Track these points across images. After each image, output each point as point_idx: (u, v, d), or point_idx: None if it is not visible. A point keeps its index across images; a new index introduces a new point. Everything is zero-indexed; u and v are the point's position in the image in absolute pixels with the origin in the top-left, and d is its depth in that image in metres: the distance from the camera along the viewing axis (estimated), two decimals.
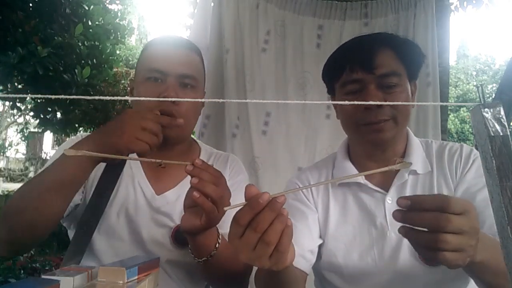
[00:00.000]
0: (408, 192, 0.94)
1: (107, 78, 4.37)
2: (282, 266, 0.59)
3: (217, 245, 0.85)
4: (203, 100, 0.46)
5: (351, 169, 1.00)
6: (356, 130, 0.94)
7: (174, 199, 1.03)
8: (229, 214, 0.61)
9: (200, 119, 2.02)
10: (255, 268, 0.97)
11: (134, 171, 1.05)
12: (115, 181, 1.00)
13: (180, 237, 0.99)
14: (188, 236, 0.84)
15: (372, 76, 0.89)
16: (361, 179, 0.97)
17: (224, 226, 0.80)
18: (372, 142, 0.94)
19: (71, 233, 1.02)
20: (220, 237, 0.86)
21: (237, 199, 0.78)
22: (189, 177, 1.05)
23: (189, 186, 1.04)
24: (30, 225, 0.82)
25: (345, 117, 0.97)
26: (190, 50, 1.04)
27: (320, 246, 0.99)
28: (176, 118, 0.94)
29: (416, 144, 0.98)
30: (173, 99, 0.68)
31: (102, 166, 1.01)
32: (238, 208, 0.57)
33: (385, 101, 0.87)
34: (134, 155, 1.03)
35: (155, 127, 0.85)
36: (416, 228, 0.58)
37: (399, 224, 0.59)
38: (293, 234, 0.58)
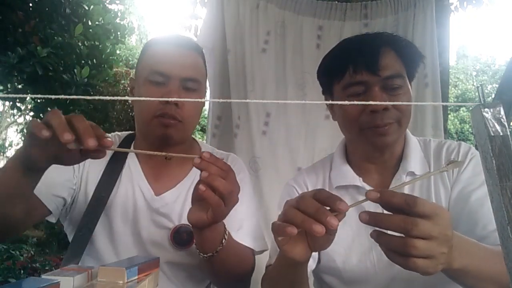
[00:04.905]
0: None
1: (107, 78, 4.36)
2: None
3: (223, 241, 0.83)
4: (203, 100, 0.46)
5: (348, 171, 0.99)
6: (359, 133, 0.92)
7: (173, 200, 1.03)
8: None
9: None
10: (260, 272, 0.97)
11: (133, 172, 1.04)
12: (113, 183, 1.00)
13: (179, 238, 0.99)
14: (194, 230, 0.82)
15: (377, 78, 0.87)
16: (359, 181, 0.96)
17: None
18: (375, 145, 0.92)
19: (70, 235, 1.02)
20: (227, 232, 0.85)
21: (239, 196, 0.77)
22: (188, 177, 1.06)
23: (188, 186, 1.05)
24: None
25: (348, 120, 0.93)
26: (193, 51, 1.02)
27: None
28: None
29: (414, 144, 0.97)
30: (173, 99, 0.67)
31: (98, 164, 1.01)
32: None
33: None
34: (137, 148, 1.05)
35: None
36: (387, 232, 0.56)
37: None
38: None
